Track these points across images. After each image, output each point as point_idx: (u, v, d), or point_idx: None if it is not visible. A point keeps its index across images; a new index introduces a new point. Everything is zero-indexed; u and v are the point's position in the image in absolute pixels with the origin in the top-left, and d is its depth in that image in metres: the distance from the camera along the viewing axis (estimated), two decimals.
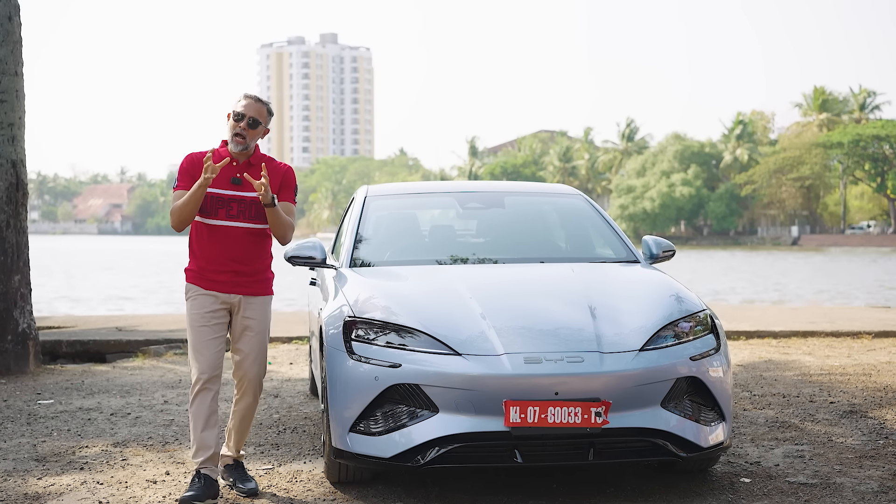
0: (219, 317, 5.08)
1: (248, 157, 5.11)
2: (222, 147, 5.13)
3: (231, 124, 5.04)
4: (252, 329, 5.14)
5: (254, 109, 5.03)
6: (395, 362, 4.79)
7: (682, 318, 5.05)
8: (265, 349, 5.23)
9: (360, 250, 6.03)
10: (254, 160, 5.11)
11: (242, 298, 5.12)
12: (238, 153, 5.07)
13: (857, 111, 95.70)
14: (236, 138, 5.03)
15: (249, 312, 5.13)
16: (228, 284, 5.09)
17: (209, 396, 5.02)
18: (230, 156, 5.07)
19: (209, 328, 5.05)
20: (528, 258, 5.97)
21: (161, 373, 9.38)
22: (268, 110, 5.10)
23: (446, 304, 5.10)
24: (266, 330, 5.22)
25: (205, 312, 5.06)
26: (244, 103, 5.04)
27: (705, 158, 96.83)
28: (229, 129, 5.05)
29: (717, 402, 4.96)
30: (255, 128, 5.04)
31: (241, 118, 5.02)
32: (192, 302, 5.11)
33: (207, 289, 5.08)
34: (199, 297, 5.08)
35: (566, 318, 5.00)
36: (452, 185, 6.92)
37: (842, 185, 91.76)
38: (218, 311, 5.08)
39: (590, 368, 4.70)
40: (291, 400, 7.85)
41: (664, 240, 6.21)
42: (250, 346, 5.14)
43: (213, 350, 5.04)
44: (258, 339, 5.16)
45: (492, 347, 4.78)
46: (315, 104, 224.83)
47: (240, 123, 5.01)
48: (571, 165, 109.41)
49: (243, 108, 5.02)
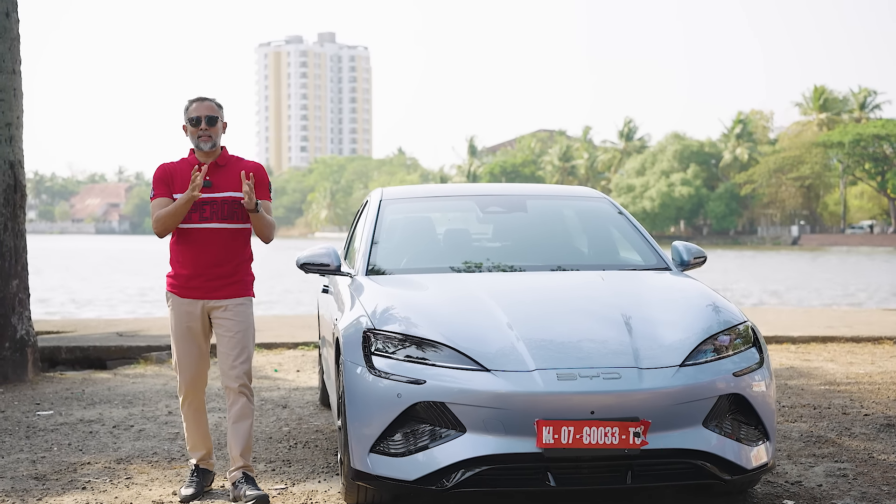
0: (198, 325, 5.19)
1: (216, 157, 5.21)
2: (191, 156, 5.26)
3: (191, 131, 5.18)
4: (229, 330, 5.15)
5: (205, 108, 5.18)
6: (419, 378, 4.50)
7: (722, 331, 4.75)
8: (246, 352, 5.18)
9: (377, 257, 5.72)
10: (221, 160, 5.22)
11: (219, 302, 5.17)
12: (208, 153, 5.18)
13: (857, 110, 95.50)
14: (202, 139, 5.16)
15: (227, 314, 5.17)
16: (203, 290, 5.16)
17: (196, 401, 5.31)
18: (198, 161, 5.21)
19: (189, 338, 5.20)
20: (554, 265, 5.67)
21: (164, 381, 9.08)
22: (216, 104, 5.24)
23: (471, 316, 4.81)
24: (246, 332, 5.19)
25: (184, 323, 5.19)
26: (194, 107, 5.19)
27: (705, 158, 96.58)
28: (191, 136, 5.20)
29: (761, 420, 4.66)
30: (214, 124, 5.18)
31: (198, 122, 5.17)
32: (171, 312, 5.24)
33: (184, 296, 5.18)
34: (177, 306, 5.20)
35: (600, 331, 4.70)
36: (471, 188, 6.61)
37: (841, 184, 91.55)
38: (196, 319, 5.18)
39: (628, 385, 4.40)
40: (301, 411, 7.55)
41: (695, 245, 5.92)
42: (228, 348, 5.15)
43: (195, 359, 5.23)
44: (235, 341, 5.14)
45: (522, 363, 4.48)
46: (313, 103, 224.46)
47: (199, 127, 5.16)
48: (570, 165, 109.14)
49: (195, 112, 5.18)
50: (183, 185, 5.13)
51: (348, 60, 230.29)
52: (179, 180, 5.16)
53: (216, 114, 5.19)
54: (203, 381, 5.31)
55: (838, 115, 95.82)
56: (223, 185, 5.16)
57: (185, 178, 5.13)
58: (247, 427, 5.14)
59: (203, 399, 5.34)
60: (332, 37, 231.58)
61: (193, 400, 5.30)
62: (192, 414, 5.31)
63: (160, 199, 5.16)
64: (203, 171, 5.05)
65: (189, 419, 5.32)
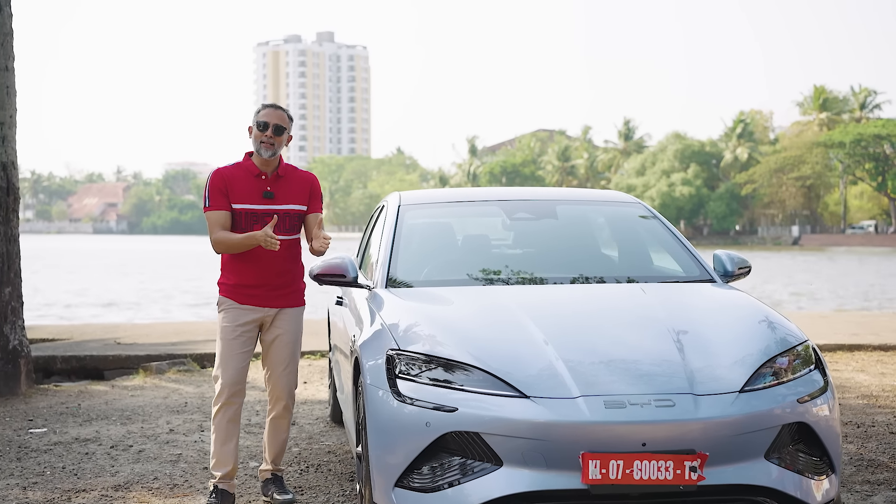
0: (249, 331, 5.12)
1: (276, 168, 5.14)
2: (246, 160, 5.17)
3: (256, 134, 5.09)
4: (282, 339, 5.18)
5: (276, 117, 5.10)
6: (451, 406, 4.05)
7: (781, 353, 4.31)
8: (296, 361, 5.26)
9: (398, 268, 5.27)
10: (282, 171, 5.16)
11: (277, 311, 5.16)
12: (267, 161, 5.10)
13: (857, 110, 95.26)
14: (265, 145, 5.06)
15: (281, 324, 5.17)
16: (264, 298, 5.12)
17: (232, 409, 5.09)
18: (257, 169, 5.11)
19: (239, 341, 5.09)
20: (589, 277, 5.22)
21: (164, 393, 8.63)
22: (288, 116, 5.17)
23: (506, 334, 4.36)
24: (297, 341, 5.25)
25: (236, 325, 5.09)
26: (265, 112, 5.11)
27: (705, 158, 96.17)
28: (254, 140, 5.10)
29: (827, 451, 4.22)
30: (281, 134, 5.09)
31: (265, 127, 5.08)
32: (224, 313, 5.14)
33: (243, 303, 5.11)
34: (232, 309, 5.12)
35: (648, 352, 4.26)
36: (496, 193, 6.16)
37: (842, 184, 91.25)
38: (250, 324, 5.12)
39: (683, 414, 3.95)
40: (311, 428, 7.10)
41: (737, 254, 5.47)
42: (280, 357, 5.19)
43: (240, 364, 5.09)
44: (288, 350, 5.20)
45: (564, 388, 4.03)
46: (312, 103, 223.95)
47: (265, 132, 5.06)
48: (570, 165, 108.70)
49: (265, 118, 5.09)
50: (241, 193, 5.07)
51: (347, 60, 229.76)
52: (238, 188, 5.08)
53: (285, 125, 5.12)
54: (243, 388, 5.15)
55: (839, 115, 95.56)
56: (284, 196, 5.13)
57: (244, 187, 5.08)
58: (286, 436, 5.32)
59: (240, 411, 5.16)
60: (330, 36, 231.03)
61: (229, 409, 5.08)
62: (225, 425, 5.07)
63: (219, 214, 5.05)
64: (273, 221, 4.95)
65: (220, 431, 5.07)
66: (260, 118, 5.07)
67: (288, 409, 5.27)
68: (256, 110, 5.13)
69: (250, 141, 5.12)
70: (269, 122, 5.05)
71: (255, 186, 5.08)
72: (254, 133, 5.08)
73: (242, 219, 5.06)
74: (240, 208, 5.06)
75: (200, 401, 8.21)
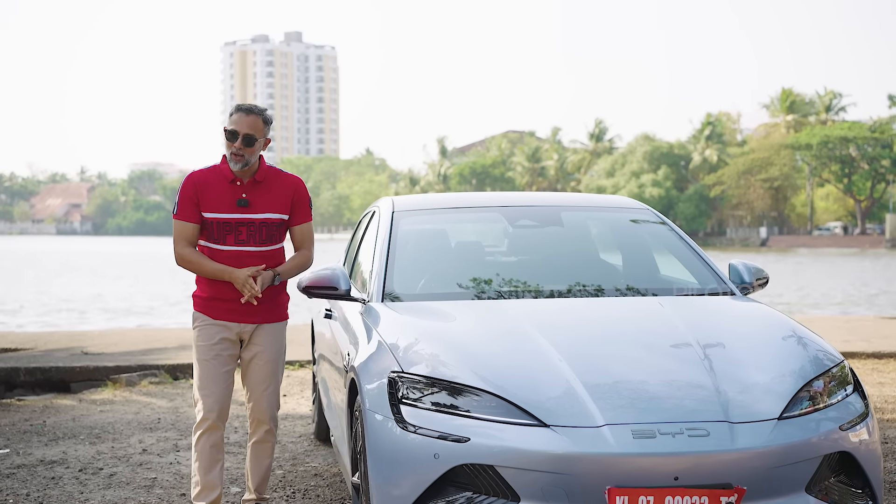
0: (228, 348, 4.70)
1: (254, 174, 4.67)
2: (223, 163, 4.70)
3: (226, 143, 4.61)
4: (262, 357, 4.75)
5: (247, 124, 4.57)
6: (462, 435, 3.67)
7: (817, 375, 3.96)
8: (278, 381, 4.84)
9: (395, 280, 4.87)
10: (260, 176, 4.68)
11: (255, 326, 4.73)
12: (240, 171, 4.63)
13: (823, 113, 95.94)
14: (234, 157, 4.58)
15: (261, 340, 4.75)
16: (242, 312, 4.67)
17: (216, 436, 4.67)
18: (232, 175, 4.65)
19: (218, 361, 4.66)
20: (601, 289, 4.85)
21: (136, 408, 8.16)
22: (264, 119, 4.64)
23: (519, 355, 3.99)
24: (278, 360, 4.84)
25: (213, 344, 4.67)
26: (235, 118, 4.60)
27: (674, 159, 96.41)
28: (225, 147, 4.62)
29: (869, 482, 3.88)
30: (252, 145, 4.58)
31: (234, 137, 4.57)
32: (200, 332, 4.71)
33: (218, 318, 4.68)
34: (207, 326, 4.69)
35: (675, 373, 3.90)
36: (495, 198, 5.77)
37: (808, 186, 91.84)
38: (227, 342, 4.69)
39: (718, 445, 3.60)
40: (294, 447, 6.68)
41: (754, 264, 5.13)
42: (259, 377, 4.76)
43: (222, 386, 4.68)
44: (268, 369, 4.77)
45: (587, 416, 3.66)
46: (280, 103, 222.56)
47: (234, 143, 4.57)
48: (540, 166, 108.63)
49: (235, 125, 4.58)
50: (213, 201, 4.62)
51: (315, 60, 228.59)
52: (210, 195, 4.64)
53: (258, 133, 4.58)
54: (227, 411, 4.73)
55: (805, 118, 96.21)
56: (260, 204, 4.66)
57: (217, 194, 4.63)
58: (270, 461, 4.92)
59: (223, 434, 4.73)
60: (298, 36, 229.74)
61: (213, 434, 4.65)
62: (208, 451, 4.64)
63: (185, 226, 4.62)
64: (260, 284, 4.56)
65: (204, 457, 4.64)
66: (230, 125, 4.58)
67: (271, 433, 4.87)
68: (229, 112, 4.64)
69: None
70: (238, 132, 4.54)
71: (228, 193, 4.63)
72: (225, 140, 4.61)
73: (215, 228, 4.63)
74: (211, 217, 4.62)
75: (175, 416, 7.76)
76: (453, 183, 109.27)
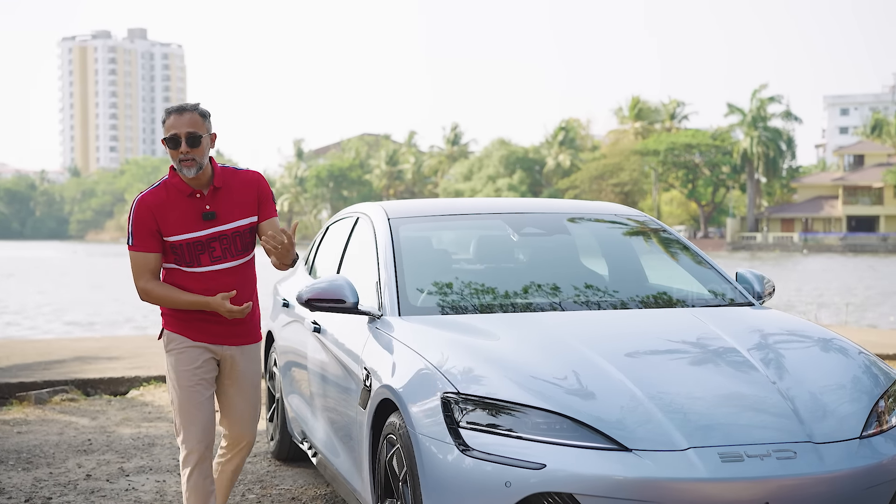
0: (209, 371, 4.33)
1: (211, 180, 4.25)
2: (173, 176, 4.25)
3: (170, 153, 4.17)
4: (246, 381, 4.44)
5: (185, 123, 4.14)
6: (536, 462, 3.41)
7: (882, 394, 3.87)
8: (260, 402, 4.57)
9: (408, 292, 4.55)
10: (218, 182, 4.26)
11: (237, 349, 4.39)
12: (195, 178, 4.19)
13: (668, 120, 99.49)
14: (185, 164, 4.15)
15: (243, 363, 4.42)
16: (222, 335, 4.33)
17: (207, 466, 4.28)
18: (189, 187, 4.21)
19: (201, 387, 4.29)
20: (628, 300, 4.65)
21: (58, 429, 7.51)
22: (200, 113, 4.20)
23: (577, 372, 3.75)
24: (259, 381, 4.54)
25: (195, 368, 4.28)
26: (170, 122, 4.16)
27: (529, 164, 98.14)
28: (171, 158, 4.17)
29: None
30: (198, 144, 4.15)
31: (175, 143, 4.14)
32: (178, 356, 4.30)
33: (198, 340, 4.30)
34: (188, 349, 4.29)
35: (745, 391, 3.74)
36: (494, 204, 5.51)
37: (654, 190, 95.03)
38: (210, 364, 4.33)
39: (808, 467, 3.45)
40: (257, 468, 6.24)
41: (760, 273, 5.05)
42: (246, 402, 4.46)
43: (207, 414, 4.29)
44: (254, 393, 4.49)
45: (670, 439, 3.46)
46: (123, 101, 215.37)
47: (178, 149, 4.13)
48: (398, 169, 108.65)
49: (173, 129, 4.14)
50: (176, 222, 4.19)
51: (161, 58, 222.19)
52: (170, 217, 4.21)
53: (199, 130, 4.15)
54: (213, 438, 4.34)
55: (651, 125, 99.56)
56: (228, 213, 4.26)
57: (178, 213, 4.20)
58: (236, 479, 4.75)
59: (212, 464, 4.42)
60: (143, 33, 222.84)
61: (203, 466, 4.25)
62: (202, 485, 4.24)
63: (145, 257, 4.20)
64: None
65: (198, 491, 4.23)
66: (167, 131, 4.15)
67: (245, 457, 4.64)
68: (162, 120, 4.22)
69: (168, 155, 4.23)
70: (178, 135, 4.12)
71: (190, 209, 4.22)
72: (167, 150, 4.17)
73: (185, 250, 4.22)
74: (178, 240, 4.20)
75: (106, 437, 7.17)
76: (310, 185, 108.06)
